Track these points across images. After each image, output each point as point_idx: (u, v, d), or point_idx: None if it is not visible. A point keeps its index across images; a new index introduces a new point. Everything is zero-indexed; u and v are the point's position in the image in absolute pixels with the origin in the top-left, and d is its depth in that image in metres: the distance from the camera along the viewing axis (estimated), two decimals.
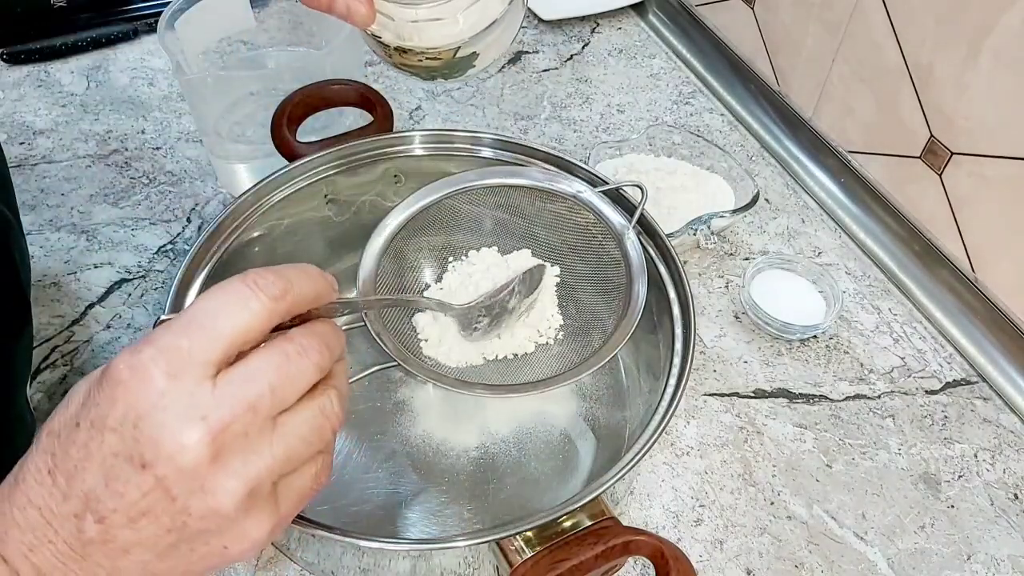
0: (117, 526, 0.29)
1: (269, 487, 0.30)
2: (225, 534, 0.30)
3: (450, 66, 0.45)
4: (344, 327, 0.51)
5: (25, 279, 0.51)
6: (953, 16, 0.61)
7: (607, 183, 0.55)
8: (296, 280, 0.31)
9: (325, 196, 0.59)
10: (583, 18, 0.95)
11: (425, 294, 0.57)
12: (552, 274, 0.56)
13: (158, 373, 0.28)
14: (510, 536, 0.41)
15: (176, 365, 0.28)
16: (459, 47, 0.44)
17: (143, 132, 0.79)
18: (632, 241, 0.53)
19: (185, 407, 0.28)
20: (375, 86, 0.63)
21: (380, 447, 0.56)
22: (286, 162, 0.57)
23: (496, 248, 0.57)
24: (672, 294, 0.52)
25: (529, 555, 0.40)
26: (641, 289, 0.51)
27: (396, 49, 0.44)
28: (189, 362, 0.28)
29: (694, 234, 0.68)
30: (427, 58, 0.44)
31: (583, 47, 0.92)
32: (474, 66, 0.46)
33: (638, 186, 0.53)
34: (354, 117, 0.71)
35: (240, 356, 0.30)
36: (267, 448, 0.29)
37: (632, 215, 0.53)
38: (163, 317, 0.32)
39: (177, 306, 0.49)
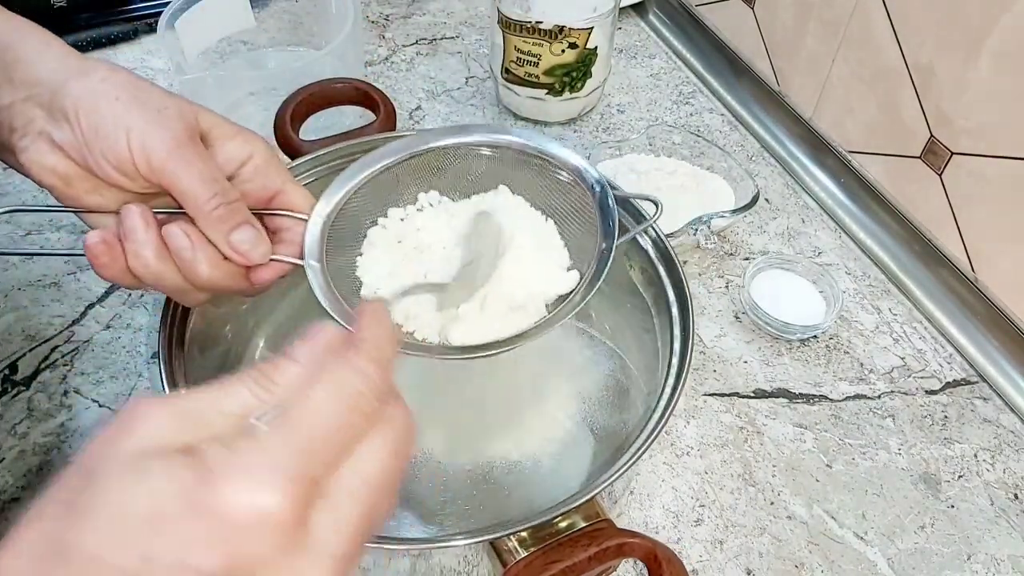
0: None
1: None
2: None
3: None
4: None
5: None
6: (953, 16, 0.61)
7: (626, 194, 0.52)
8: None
9: None
10: None
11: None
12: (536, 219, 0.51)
13: None
14: (504, 536, 0.41)
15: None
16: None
17: None
18: (608, 196, 0.48)
19: None
20: (377, 85, 0.63)
21: None
22: (288, 160, 0.57)
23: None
24: (672, 294, 0.52)
25: (523, 556, 0.40)
26: (612, 241, 0.47)
27: None
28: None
29: (694, 234, 0.68)
30: None
31: None
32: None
33: (654, 201, 0.50)
34: (355, 118, 0.71)
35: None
36: None
37: (639, 224, 0.52)
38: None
39: (177, 306, 0.49)
